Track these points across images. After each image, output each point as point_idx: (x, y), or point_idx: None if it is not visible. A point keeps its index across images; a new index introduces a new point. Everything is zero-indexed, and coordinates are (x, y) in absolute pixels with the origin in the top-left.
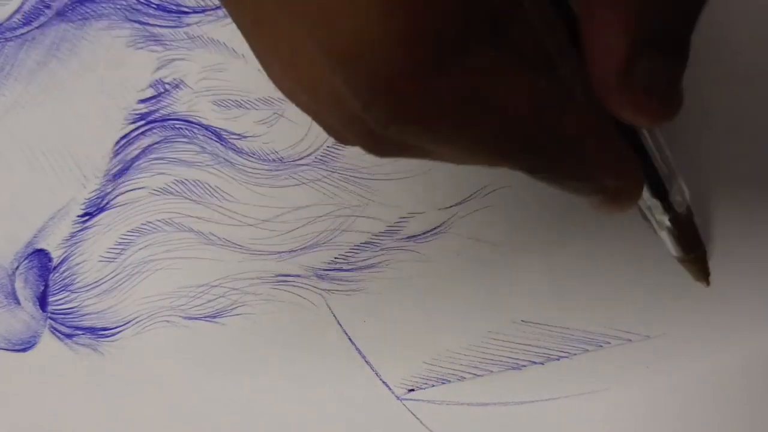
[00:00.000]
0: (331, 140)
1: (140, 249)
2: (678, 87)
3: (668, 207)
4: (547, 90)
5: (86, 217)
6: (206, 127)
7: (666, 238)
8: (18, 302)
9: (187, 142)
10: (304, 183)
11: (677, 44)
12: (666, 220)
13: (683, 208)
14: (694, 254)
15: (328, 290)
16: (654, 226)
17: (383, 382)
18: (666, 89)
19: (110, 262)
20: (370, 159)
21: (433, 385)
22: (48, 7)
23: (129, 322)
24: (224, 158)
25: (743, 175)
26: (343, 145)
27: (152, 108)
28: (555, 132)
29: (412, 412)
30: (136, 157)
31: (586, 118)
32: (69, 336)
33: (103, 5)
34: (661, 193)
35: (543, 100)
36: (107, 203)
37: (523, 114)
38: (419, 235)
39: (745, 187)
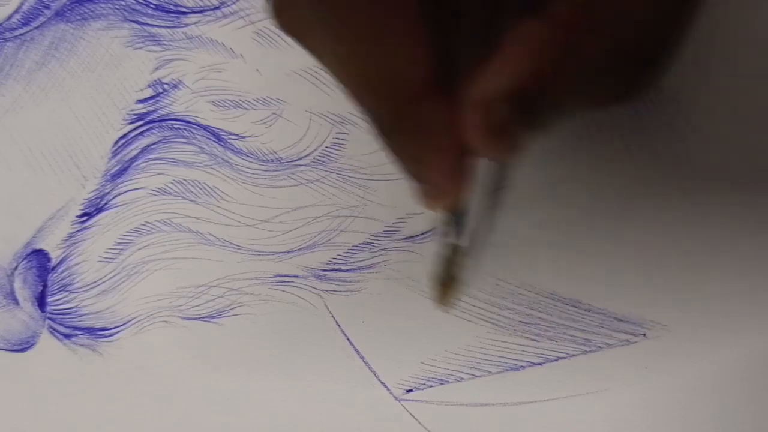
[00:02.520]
0: (330, 141)
1: (139, 249)
2: (513, 141)
3: (455, 231)
4: (430, 64)
5: (85, 218)
6: (205, 128)
7: (438, 251)
8: (17, 302)
9: (185, 143)
10: (302, 183)
11: (538, 116)
12: (445, 241)
13: (468, 246)
14: (447, 284)
15: (327, 291)
16: (438, 239)
17: (381, 382)
18: (500, 135)
19: (109, 262)
20: (369, 159)
21: (432, 386)
22: (47, 7)
23: (128, 322)
24: (223, 158)
25: (744, 174)
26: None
27: (151, 108)
28: (410, 105)
29: (410, 413)
30: (135, 158)
31: (444, 112)
32: (68, 336)
33: (102, 5)
34: (459, 222)
35: (413, 71)
36: (106, 203)
37: (399, 71)
38: (417, 235)
39: (746, 188)
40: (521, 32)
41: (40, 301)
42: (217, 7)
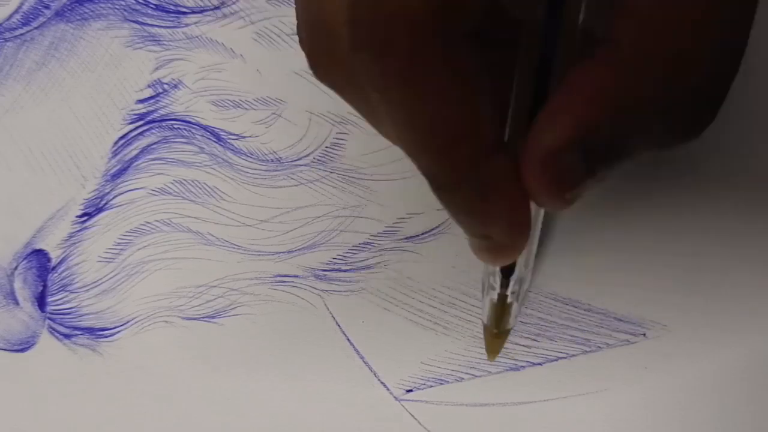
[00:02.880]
0: (330, 141)
1: (139, 249)
2: (579, 191)
3: (506, 283)
4: (484, 121)
5: (85, 218)
6: (204, 128)
7: (487, 304)
8: (17, 302)
9: (185, 143)
10: (302, 183)
11: (605, 162)
12: (495, 293)
13: (516, 294)
14: (497, 331)
15: (327, 291)
16: (484, 288)
17: (381, 382)
18: (567, 186)
19: (109, 262)
20: (369, 159)
21: (432, 386)
22: (47, 7)
23: (128, 322)
24: (222, 158)
25: (743, 174)
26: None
27: (151, 108)
28: (470, 163)
29: (410, 413)
30: (135, 158)
31: (506, 167)
32: (68, 336)
33: (102, 5)
34: (509, 269)
35: (477, 126)
36: (106, 203)
37: (460, 132)
38: (418, 235)
39: (746, 187)
40: (581, 76)
41: (40, 301)
42: (217, 7)
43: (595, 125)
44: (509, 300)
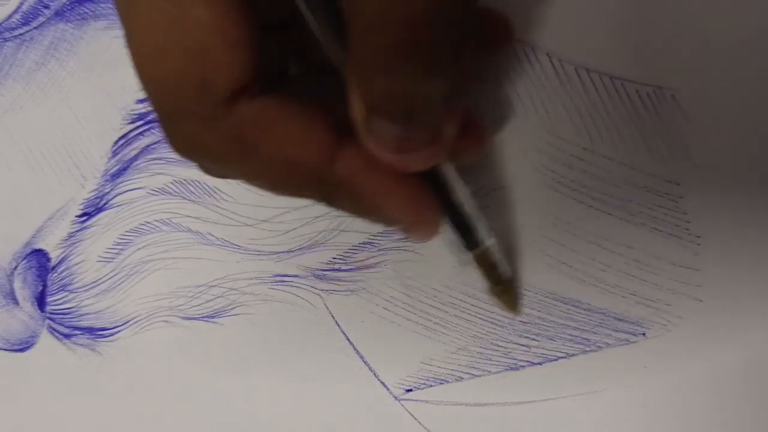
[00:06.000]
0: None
1: (138, 249)
2: (406, 145)
3: (473, 244)
4: (316, 138)
5: (85, 217)
6: None
7: (471, 272)
8: (16, 302)
9: None
10: None
11: (398, 115)
12: (467, 258)
13: (488, 246)
14: (500, 287)
15: (326, 290)
16: (458, 260)
17: (381, 382)
18: (395, 145)
19: (109, 262)
20: None
21: (431, 386)
22: (46, 7)
23: (127, 322)
24: None
25: (743, 174)
26: None
27: (151, 108)
28: (324, 177)
29: (410, 413)
30: (135, 157)
31: (357, 162)
32: (67, 336)
33: (102, 5)
34: (464, 231)
35: (310, 148)
36: (106, 203)
37: (294, 159)
38: None
39: (745, 187)
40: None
41: (40, 301)
42: None
43: (371, 90)
44: (487, 249)
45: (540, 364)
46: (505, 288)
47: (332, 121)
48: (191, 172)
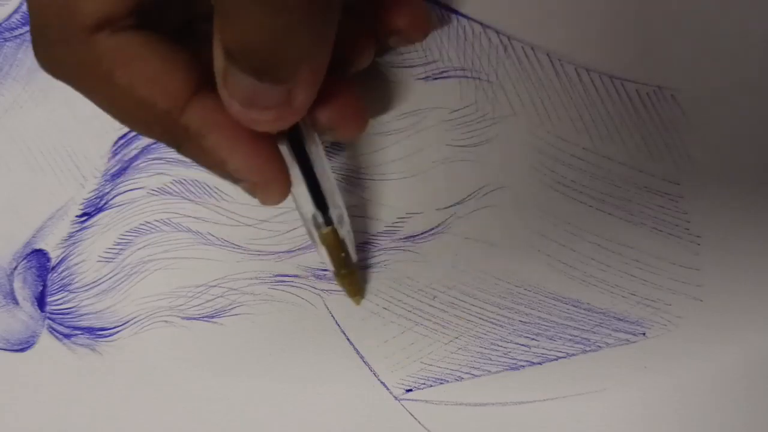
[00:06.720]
0: (329, 140)
1: (138, 249)
2: (255, 100)
3: (327, 221)
4: (170, 82)
5: (85, 217)
6: None
7: (323, 253)
8: (16, 302)
9: None
10: None
11: (253, 67)
12: (318, 234)
13: (342, 225)
14: (345, 271)
15: (326, 290)
16: (314, 240)
17: (381, 382)
18: (244, 98)
19: (109, 262)
20: (369, 159)
21: (431, 386)
22: None
23: (127, 322)
24: None
25: (743, 174)
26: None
27: None
28: (172, 123)
29: (410, 412)
30: (135, 157)
31: (209, 114)
32: (67, 336)
33: None
34: (321, 205)
35: (163, 87)
36: (106, 203)
37: (143, 99)
38: (417, 235)
39: (745, 187)
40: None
41: (40, 301)
42: None
43: (230, 35)
44: (337, 228)
45: (540, 364)
46: (347, 273)
47: (198, 71)
48: (191, 172)
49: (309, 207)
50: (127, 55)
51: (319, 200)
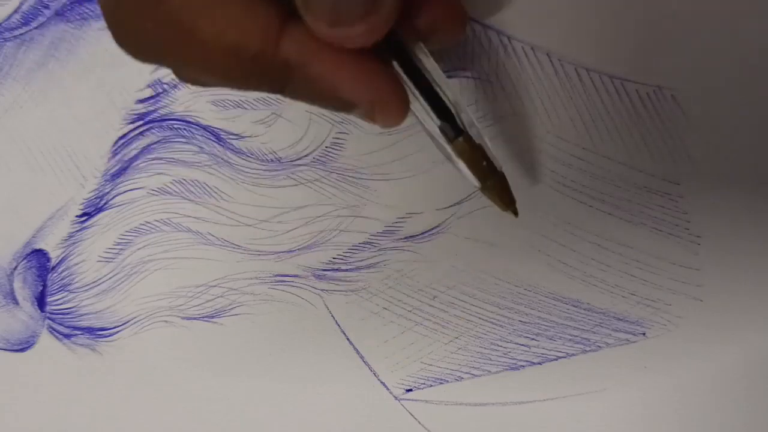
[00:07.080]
0: (329, 141)
1: (139, 249)
2: (339, 18)
3: (456, 131)
4: (257, 19)
5: (85, 217)
6: (204, 127)
7: (462, 167)
8: (16, 302)
9: (185, 142)
10: (302, 183)
11: None
12: (451, 148)
13: (472, 131)
14: (492, 181)
15: (326, 290)
16: (450, 157)
17: (381, 382)
18: (329, 17)
19: (109, 262)
20: (369, 159)
21: (431, 385)
22: (46, 7)
23: (127, 322)
24: (222, 158)
25: (743, 174)
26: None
27: (150, 108)
28: (270, 61)
29: (410, 412)
30: (135, 157)
31: (305, 43)
32: (67, 336)
33: None
34: (446, 117)
35: (253, 29)
36: (106, 203)
37: (234, 44)
38: (417, 235)
39: (745, 187)
40: None
41: (40, 301)
42: None
43: None
44: (469, 137)
45: (540, 364)
46: (496, 182)
47: (280, 2)
48: (191, 172)
49: (433, 121)
50: (205, 3)
51: (442, 111)
